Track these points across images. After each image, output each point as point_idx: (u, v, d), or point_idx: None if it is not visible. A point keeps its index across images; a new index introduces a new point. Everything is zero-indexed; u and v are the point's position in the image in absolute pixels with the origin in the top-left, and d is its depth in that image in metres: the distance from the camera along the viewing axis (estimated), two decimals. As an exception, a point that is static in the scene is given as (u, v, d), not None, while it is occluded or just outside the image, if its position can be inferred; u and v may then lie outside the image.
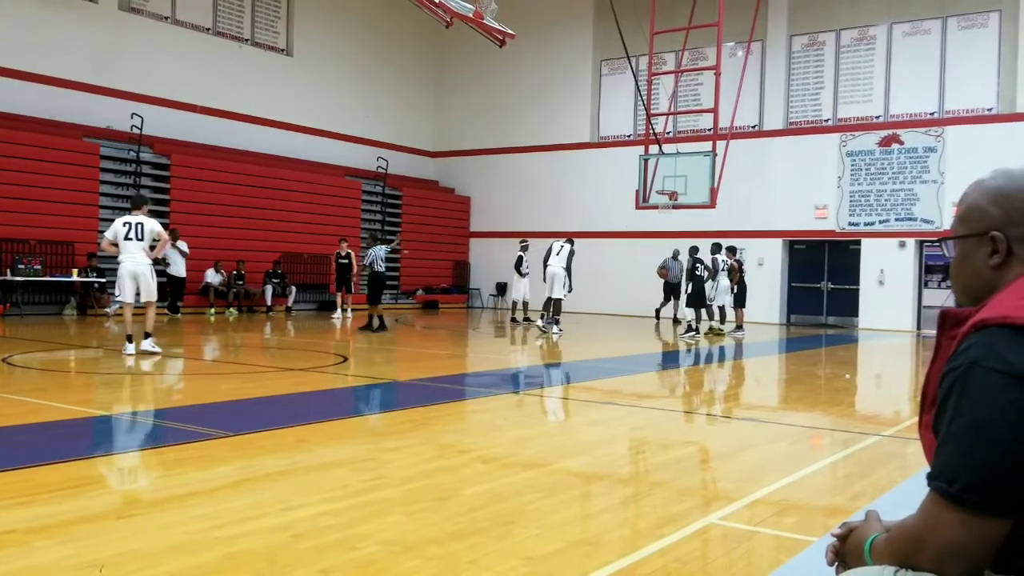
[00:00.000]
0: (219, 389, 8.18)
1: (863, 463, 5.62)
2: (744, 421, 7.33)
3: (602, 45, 23.92)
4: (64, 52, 18.30)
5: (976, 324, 1.39)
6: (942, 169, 19.50)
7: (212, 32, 21.38)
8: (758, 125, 21.95)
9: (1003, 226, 1.51)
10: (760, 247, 21.52)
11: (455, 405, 7.83)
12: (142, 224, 10.37)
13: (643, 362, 12.24)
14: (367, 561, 3.27)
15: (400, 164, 25.68)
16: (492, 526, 3.77)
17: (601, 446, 5.90)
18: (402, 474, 4.77)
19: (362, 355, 12.25)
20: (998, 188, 1.54)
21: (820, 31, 21.33)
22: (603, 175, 23.65)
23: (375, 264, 15.58)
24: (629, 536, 3.83)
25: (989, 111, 19.24)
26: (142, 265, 10.27)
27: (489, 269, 26.11)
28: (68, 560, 3.20)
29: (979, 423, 1.32)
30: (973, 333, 1.39)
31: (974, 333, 1.38)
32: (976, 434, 1.32)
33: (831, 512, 4.30)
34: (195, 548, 3.36)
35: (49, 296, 17.10)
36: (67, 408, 6.64)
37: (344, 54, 24.27)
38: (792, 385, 10.47)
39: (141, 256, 10.27)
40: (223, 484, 4.49)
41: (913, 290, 20.15)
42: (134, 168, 18.79)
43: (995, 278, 1.51)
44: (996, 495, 1.31)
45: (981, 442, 1.32)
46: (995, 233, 1.52)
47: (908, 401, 8.91)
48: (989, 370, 1.33)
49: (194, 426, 6.05)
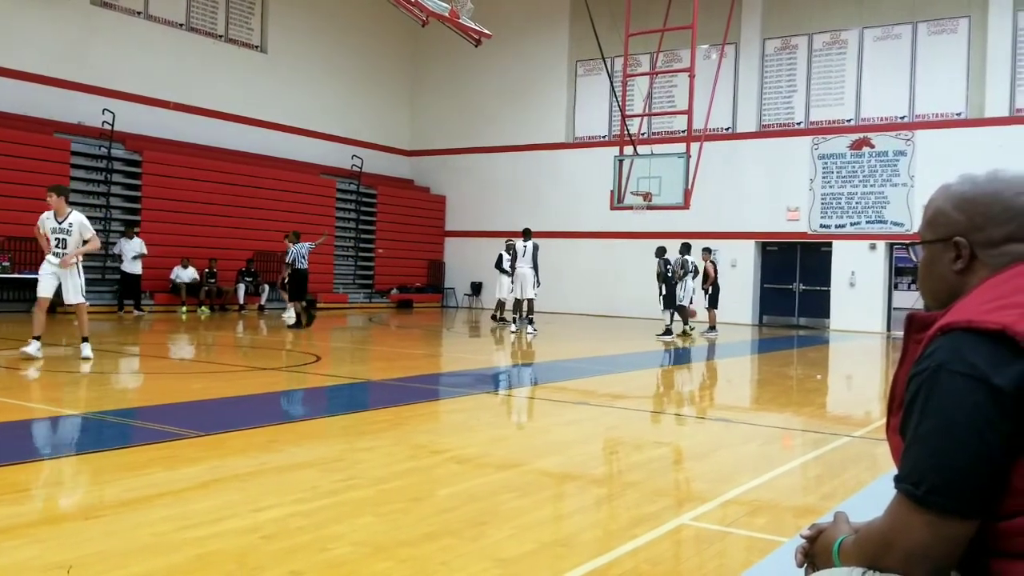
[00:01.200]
0: (189, 388, 8.10)
1: (833, 464, 5.67)
2: (717, 422, 7.38)
3: (578, 46, 23.97)
4: (35, 47, 18.04)
5: (942, 328, 1.40)
6: (912, 172, 19.74)
7: (185, 28, 21.17)
8: (731, 127, 22.10)
9: (966, 231, 1.53)
10: (733, 248, 21.67)
11: (429, 405, 7.81)
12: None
13: (617, 363, 12.28)
14: (338, 563, 3.25)
15: (375, 163, 25.59)
16: (465, 527, 3.76)
17: (575, 446, 5.91)
18: (374, 475, 4.74)
19: (335, 354, 12.19)
20: (962, 194, 1.56)
21: (793, 35, 21.51)
22: (578, 175, 23.70)
23: (297, 261, 15.77)
24: (602, 537, 3.84)
25: (958, 116, 19.50)
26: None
27: (464, 269, 26.08)
28: (35, 561, 3.15)
29: (945, 426, 1.33)
30: (939, 337, 1.40)
31: (940, 337, 1.40)
32: (942, 436, 1.34)
33: (802, 512, 4.33)
34: (164, 549, 3.32)
35: (17, 293, 16.84)
36: (33, 407, 6.55)
37: (319, 52, 24.13)
38: (764, 386, 10.55)
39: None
40: (192, 484, 4.44)
41: (883, 292, 20.38)
42: (105, 165, 18.56)
43: (959, 283, 1.53)
44: (962, 497, 1.33)
45: (947, 444, 1.33)
46: (959, 239, 1.53)
47: (878, 402, 9.01)
48: (954, 373, 1.34)
49: (163, 426, 5.99)
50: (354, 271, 24.54)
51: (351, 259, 24.45)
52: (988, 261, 1.50)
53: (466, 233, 26.18)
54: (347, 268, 24.32)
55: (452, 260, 26.72)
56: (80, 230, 9.41)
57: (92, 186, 18.40)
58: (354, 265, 24.54)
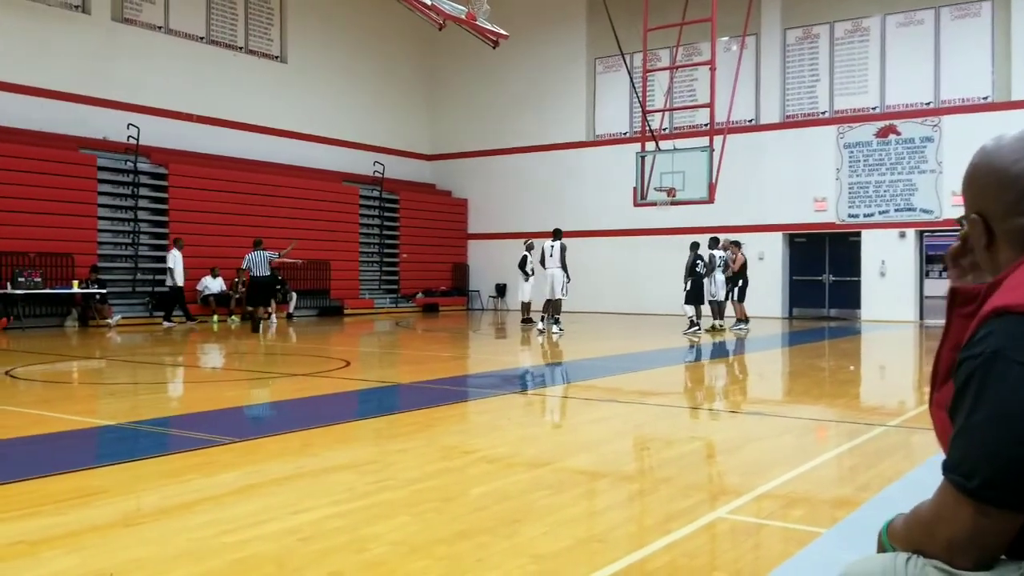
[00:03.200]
0: (223, 396, 8.18)
1: (869, 454, 5.61)
2: (749, 415, 7.32)
3: (595, 43, 23.92)
4: (58, 64, 18.30)
5: (996, 310, 1.33)
6: (940, 159, 19.51)
7: (206, 41, 21.38)
8: (755, 119, 21.96)
9: (978, 208, 1.48)
10: (760, 241, 21.51)
11: (458, 406, 7.82)
12: None
13: (645, 359, 12.23)
14: (375, 562, 3.26)
15: (396, 168, 25.69)
16: (499, 525, 3.76)
17: (605, 443, 5.90)
18: (408, 475, 4.76)
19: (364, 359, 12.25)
20: (970, 169, 1.51)
21: (814, 24, 21.34)
22: (600, 174, 23.65)
23: (253, 269, 16.18)
24: (636, 532, 3.83)
25: (985, 99, 19.24)
26: None
27: (488, 271, 26.11)
28: (75, 569, 3.19)
29: (1001, 416, 1.27)
30: (993, 319, 1.33)
31: (994, 319, 1.32)
32: (998, 427, 1.27)
33: (838, 504, 4.29)
34: (203, 554, 3.36)
35: (50, 308, 17.08)
36: (71, 419, 6.64)
37: (338, 60, 24.28)
38: (796, 378, 10.46)
39: None
40: (229, 490, 4.48)
41: (914, 280, 20.15)
42: (132, 179, 18.79)
43: (991, 259, 1.48)
44: (1017, 491, 1.27)
45: (1003, 435, 1.27)
46: (973, 216, 1.48)
47: (913, 391, 8.91)
48: (1013, 362, 1.27)
49: (199, 433, 6.04)
50: (379, 276, 24.65)
51: (376, 264, 24.56)
52: (1005, 237, 1.44)
53: (489, 235, 26.20)
54: (372, 273, 24.44)
55: (476, 263, 26.76)
56: None
57: (120, 200, 18.62)
58: (379, 270, 24.65)
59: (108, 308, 17.25)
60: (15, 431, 6.09)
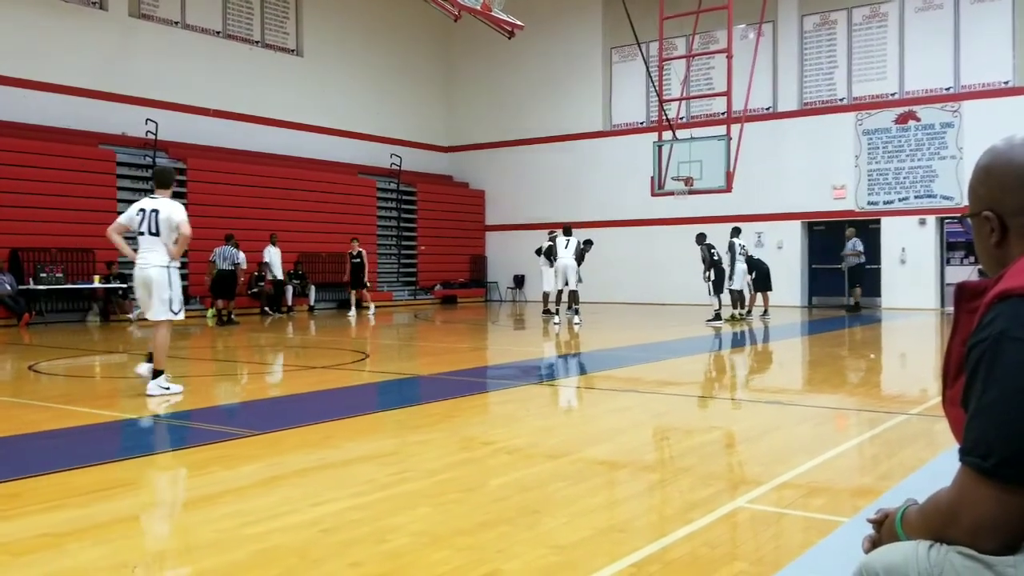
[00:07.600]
0: (244, 389, 8.24)
1: (890, 443, 5.58)
2: (769, 404, 7.30)
3: (611, 33, 23.81)
4: (76, 60, 18.43)
5: (1000, 294, 1.37)
6: (960, 145, 19.30)
7: (222, 35, 21.45)
8: (772, 107, 21.80)
9: (991, 204, 1.50)
10: (778, 229, 21.40)
11: (477, 398, 7.84)
12: (157, 211, 7.55)
13: (664, 349, 12.21)
14: (397, 553, 3.28)
15: (413, 160, 25.71)
16: (519, 516, 3.78)
17: (624, 433, 5.90)
18: (428, 467, 4.78)
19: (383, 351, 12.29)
20: (983, 167, 1.53)
21: (831, 10, 21.14)
22: (617, 163, 23.56)
23: (219, 262, 16.68)
24: (657, 522, 3.83)
25: (1005, 84, 19.01)
26: (152, 267, 7.46)
27: (506, 262, 26.10)
28: (100, 561, 3.23)
29: (1012, 393, 1.30)
30: (997, 304, 1.36)
31: (998, 304, 1.36)
32: (1009, 405, 1.30)
33: (859, 493, 4.27)
34: (226, 545, 3.39)
35: (72, 303, 17.25)
36: (94, 413, 6.71)
37: (354, 52, 24.30)
38: (816, 367, 10.41)
39: (153, 255, 7.47)
40: (252, 482, 4.52)
41: (935, 267, 19.97)
42: (151, 174, 18.88)
43: (1000, 255, 1.50)
44: None
45: (1015, 412, 1.29)
46: (986, 213, 1.50)
47: (934, 379, 8.84)
48: (1018, 340, 1.31)
49: (221, 426, 6.09)
50: (397, 269, 24.71)
51: (394, 257, 24.61)
52: (1019, 231, 1.46)
53: (507, 227, 26.19)
54: (391, 266, 24.50)
55: (494, 254, 26.76)
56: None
57: (139, 195, 18.68)
58: (397, 263, 24.70)
59: (129, 302, 17.37)
60: (39, 425, 6.16)
